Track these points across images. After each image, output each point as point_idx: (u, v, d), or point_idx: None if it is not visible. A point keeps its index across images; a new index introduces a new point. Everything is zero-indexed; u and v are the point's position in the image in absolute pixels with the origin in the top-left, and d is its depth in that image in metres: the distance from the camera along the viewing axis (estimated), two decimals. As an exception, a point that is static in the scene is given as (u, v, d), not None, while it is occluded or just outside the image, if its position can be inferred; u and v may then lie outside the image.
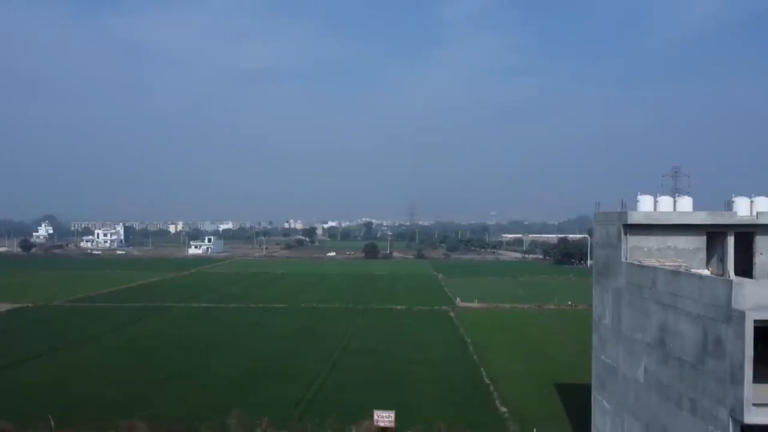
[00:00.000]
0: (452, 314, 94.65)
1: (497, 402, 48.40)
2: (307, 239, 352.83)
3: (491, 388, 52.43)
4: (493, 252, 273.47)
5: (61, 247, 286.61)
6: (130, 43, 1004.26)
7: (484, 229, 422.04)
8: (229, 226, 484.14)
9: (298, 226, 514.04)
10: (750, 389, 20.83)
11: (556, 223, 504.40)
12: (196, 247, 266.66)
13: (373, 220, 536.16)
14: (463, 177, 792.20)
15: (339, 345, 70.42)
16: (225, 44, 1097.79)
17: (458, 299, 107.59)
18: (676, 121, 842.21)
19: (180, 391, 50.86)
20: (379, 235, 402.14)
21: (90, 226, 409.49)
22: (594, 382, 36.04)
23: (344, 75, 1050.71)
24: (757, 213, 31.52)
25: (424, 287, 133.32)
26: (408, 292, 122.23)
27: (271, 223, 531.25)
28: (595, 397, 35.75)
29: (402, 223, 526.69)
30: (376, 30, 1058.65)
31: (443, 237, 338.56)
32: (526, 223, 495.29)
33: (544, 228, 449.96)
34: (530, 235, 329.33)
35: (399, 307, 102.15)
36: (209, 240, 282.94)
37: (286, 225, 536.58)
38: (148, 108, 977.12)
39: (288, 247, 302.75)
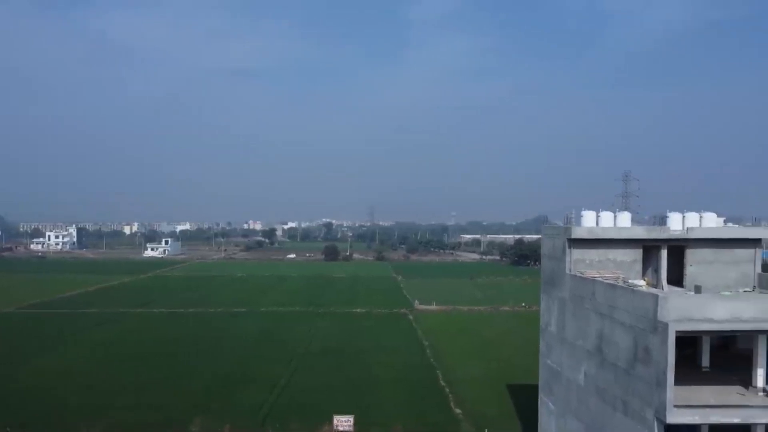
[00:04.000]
0: (411, 317, 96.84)
1: (452, 404, 50.61)
2: (267, 240, 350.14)
3: (447, 390, 54.63)
4: (452, 253, 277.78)
5: (10, 249, 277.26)
6: (95, 37, 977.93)
7: (444, 229, 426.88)
8: (186, 226, 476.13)
9: (258, 226, 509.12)
10: (672, 392, 23.26)
11: (514, 223, 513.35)
12: (152, 249, 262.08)
13: (334, 221, 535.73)
14: (424, 177, 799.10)
15: (299, 349, 71.63)
16: (194, 43, 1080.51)
17: (417, 302, 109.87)
18: (636, 124, 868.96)
19: (141, 398, 51.24)
20: (339, 236, 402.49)
21: (40, 227, 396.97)
22: (541, 384, 38.45)
23: (309, 75, 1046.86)
24: (688, 228, 34.35)
25: (384, 290, 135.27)
26: (368, 295, 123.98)
27: (229, 223, 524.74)
28: (542, 398, 38.15)
29: (362, 223, 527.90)
30: (346, 31, 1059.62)
31: (403, 238, 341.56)
32: (484, 223, 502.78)
33: (502, 228, 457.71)
34: (488, 236, 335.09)
35: (359, 310, 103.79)
36: (166, 242, 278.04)
37: (245, 226, 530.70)
38: (105, 106, 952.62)
39: (247, 248, 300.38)
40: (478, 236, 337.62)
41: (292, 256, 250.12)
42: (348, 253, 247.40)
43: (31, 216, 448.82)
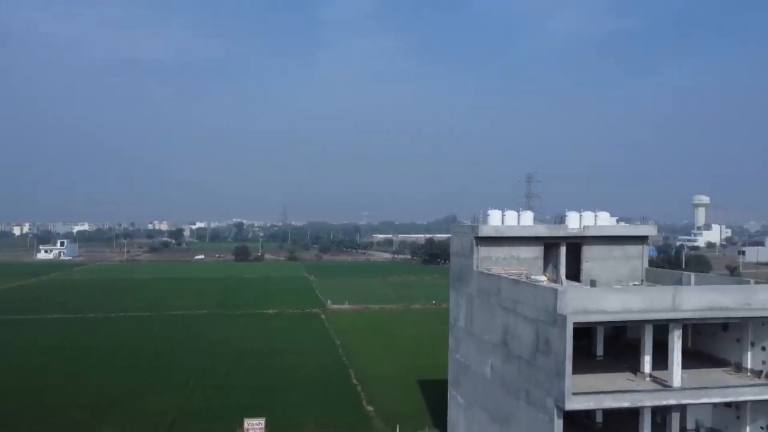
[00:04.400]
0: (323, 317, 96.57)
1: (365, 402, 51.00)
2: (174, 241, 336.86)
3: (359, 388, 55.00)
4: (364, 253, 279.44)
5: None
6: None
7: (356, 229, 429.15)
8: (84, 227, 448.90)
9: (164, 227, 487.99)
10: (570, 381, 24.71)
11: (424, 223, 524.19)
12: (46, 251, 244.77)
13: (245, 221, 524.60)
14: (336, 177, 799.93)
15: (209, 353, 69.49)
16: (89, 32, 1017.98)
17: (329, 301, 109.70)
18: (540, 128, 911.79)
19: (38, 407, 47.92)
20: (250, 236, 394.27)
21: None
22: (450, 379, 39.59)
23: (217, 71, 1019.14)
24: (584, 226, 36.58)
25: (296, 290, 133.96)
26: (280, 296, 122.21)
27: (133, 224, 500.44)
28: (451, 392, 39.30)
29: (274, 223, 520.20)
30: (256, 28, 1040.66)
31: (316, 238, 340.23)
32: (396, 223, 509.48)
33: (413, 228, 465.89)
34: (400, 236, 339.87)
35: (270, 310, 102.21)
36: (62, 243, 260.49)
37: (150, 226, 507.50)
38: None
39: (152, 249, 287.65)
40: (389, 236, 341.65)
41: (201, 257, 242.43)
42: (259, 254, 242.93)
43: None
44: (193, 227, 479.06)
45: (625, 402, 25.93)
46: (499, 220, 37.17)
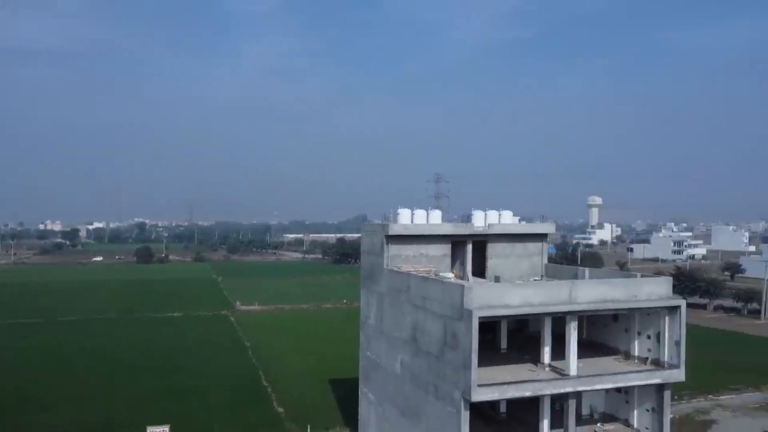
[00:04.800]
0: (232, 318, 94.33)
1: (275, 403, 50.37)
2: (68, 242, 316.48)
3: (269, 390, 54.24)
4: (275, 253, 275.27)
5: None
6: None
7: (267, 229, 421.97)
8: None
9: (57, 227, 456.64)
10: (476, 373, 25.65)
11: (335, 222, 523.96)
12: None
13: (147, 221, 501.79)
14: (245, 176, 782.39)
15: (108, 360, 65.95)
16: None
17: (238, 302, 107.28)
18: (450, 129, 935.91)
19: None
20: (153, 237, 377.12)
21: None
22: (361, 376, 39.91)
23: (113, 60, 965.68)
24: (489, 225, 38.03)
25: (203, 292, 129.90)
26: (185, 298, 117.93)
27: (21, 224, 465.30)
28: (362, 389, 39.63)
29: (180, 223, 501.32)
30: (158, 18, 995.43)
31: (224, 238, 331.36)
32: (307, 222, 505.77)
33: (324, 227, 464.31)
34: (311, 235, 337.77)
35: (175, 314, 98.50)
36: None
37: (41, 226, 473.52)
38: None
39: (44, 251, 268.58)
40: (300, 235, 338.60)
41: (99, 259, 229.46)
42: (164, 255, 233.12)
43: None
44: (90, 227, 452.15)
45: (527, 391, 27.23)
46: (408, 219, 37.87)
